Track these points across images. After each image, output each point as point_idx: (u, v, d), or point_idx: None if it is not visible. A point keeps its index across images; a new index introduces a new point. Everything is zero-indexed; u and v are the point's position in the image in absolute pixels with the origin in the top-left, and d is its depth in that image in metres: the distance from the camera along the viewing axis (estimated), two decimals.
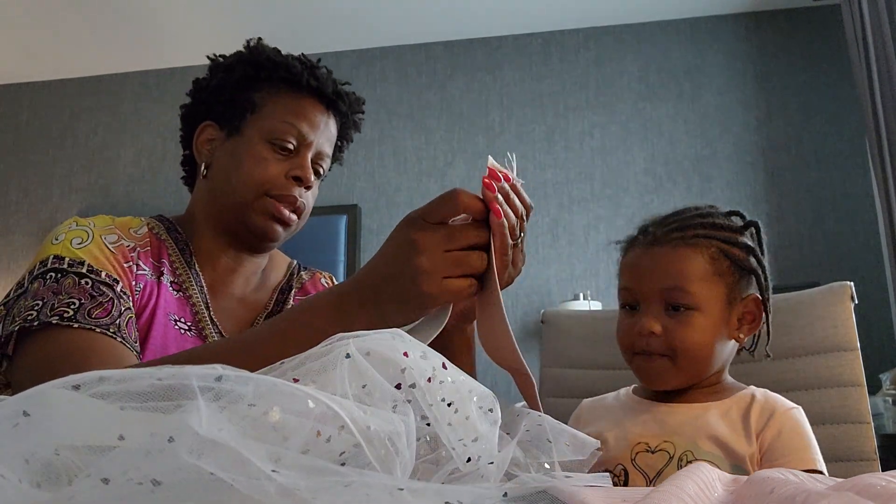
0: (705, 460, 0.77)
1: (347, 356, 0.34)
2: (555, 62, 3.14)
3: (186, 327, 0.87)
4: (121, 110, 3.38)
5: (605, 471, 0.82)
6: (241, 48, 0.98)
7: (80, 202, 3.32)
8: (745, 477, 0.49)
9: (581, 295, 2.79)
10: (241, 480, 0.23)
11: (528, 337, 2.87)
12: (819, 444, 1.02)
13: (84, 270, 0.78)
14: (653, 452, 0.81)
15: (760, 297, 0.86)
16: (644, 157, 2.97)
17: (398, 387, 0.34)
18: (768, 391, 0.85)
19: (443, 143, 3.13)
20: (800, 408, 0.83)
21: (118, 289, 0.79)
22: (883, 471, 0.56)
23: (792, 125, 2.89)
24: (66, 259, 0.79)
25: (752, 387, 0.86)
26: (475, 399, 0.38)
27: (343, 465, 0.28)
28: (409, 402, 0.34)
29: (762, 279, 0.86)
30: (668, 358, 0.83)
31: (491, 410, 0.39)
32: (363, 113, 1.04)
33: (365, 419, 0.29)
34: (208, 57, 0.99)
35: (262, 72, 0.94)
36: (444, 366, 0.38)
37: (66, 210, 3.32)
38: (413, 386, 0.35)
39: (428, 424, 0.35)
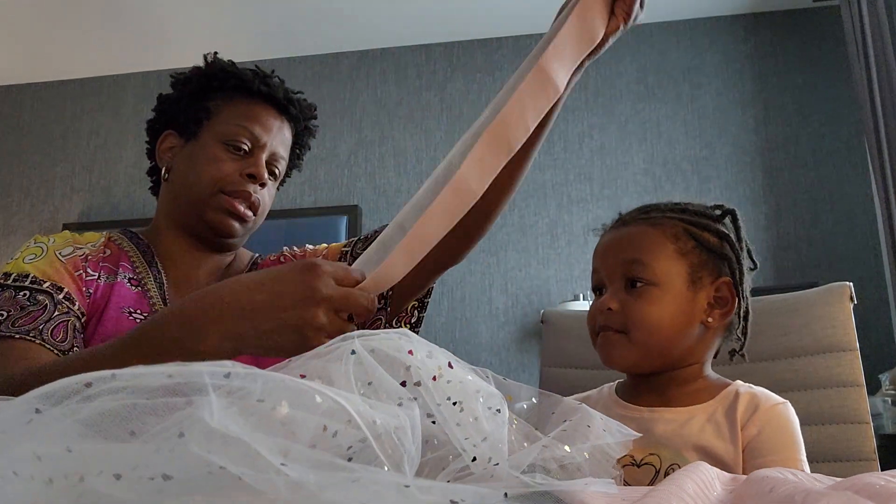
0: None
1: (353, 353, 0.34)
2: None
3: (143, 317, 0.91)
4: (122, 111, 3.38)
5: None
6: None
7: (82, 203, 3.32)
8: (745, 476, 0.49)
9: (581, 295, 2.79)
10: (251, 474, 0.24)
11: (526, 337, 2.88)
12: (818, 445, 1.02)
13: (27, 283, 0.85)
14: (638, 466, 0.80)
15: (733, 281, 0.85)
16: (643, 158, 2.97)
17: (403, 384, 0.35)
18: (755, 387, 0.84)
19: (443, 144, 3.14)
20: (787, 403, 0.81)
21: (60, 296, 0.85)
22: (882, 471, 0.56)
23: (790, 126, 2.90)
24: (13, 275, 0.86)
25: (738, 382, 0.85)
26: (482, 399, 0.38)
27: (350, 460, 0.28)
28: (415, 399, 0.34)
29: (735, 264, 0.85)
30: (623, 334, 0.82)
31: (499, 411, 0.39)
32: (316, 118, 1.09)
33: (371, 414, 0.29)
34: (171, 76, 1.05)
35: (215, 81, 1.00)
36: (450, 365, 0.39)
37: (68, 210, 3.32)
38: (418, 384, 0.35)
39: (434, 423, 0.35)
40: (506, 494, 0.34)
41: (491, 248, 2.98)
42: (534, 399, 0.48)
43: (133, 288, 0.94)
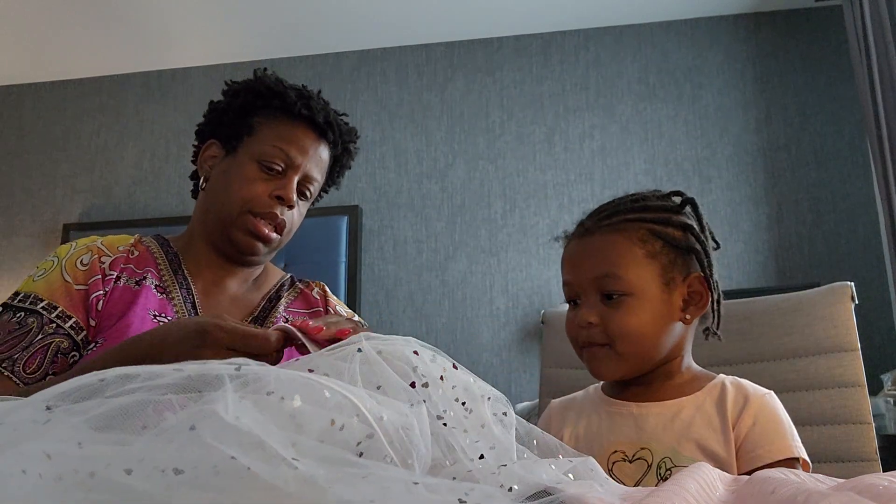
0: (685, 466, 0.76)
1: (359, 350, 0.34)
2: (555, 63, 3.15)
3: (167, 321, 0.95)
4: (123, 111, 3.38)
5: None
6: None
7: (83, 203, 3.33)
8: (746, 477, 0.49)
9: None
10: (261, 466, 0.24)
11: (527, 337, 2.88)
12: (820, 445, 1.02)
13: (27, 304, 0.90)
14: (630, 461, 0.79)
15: (704, 276, 0.84)
16: (644, 159, 2.97)
17: (412, 385, 0.35)
18: (738, 378, 0.84)
19: (443, 145, 3.14)
20: (772, 393, 0.82)
21: (52, 315, 0.89)
22: (884, 471, 0.56)
23: (792, 126, 2.90)
24: (20, 294, 0.91)
25: (722, 375, 0.85)
26: (489, 401, 0.38)
27: (361, 455, 0.28)
28: (424, 402, 0.34)
29: (703, 256, 0.84)
30: (608, 347, 0.82)
31: (505, 415, 0.40)
32: (355, 142, 1.12)
33: (378, 410, 0.29)
34: (225, 82, 1.08)
35: (260, 99, 1.02)
36: (454, 366, 0.39)
37: (69, 211, 3.32)
38: (426, 385, 0.35)
39: (445, 424, 0.35)
40: (510, 489, 0.34)
41: (492, 248, 2.98)
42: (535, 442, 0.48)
43: (159, 295, 0.97)
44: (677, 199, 0.89)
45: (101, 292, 0.92)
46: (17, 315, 0.88)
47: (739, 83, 2.97)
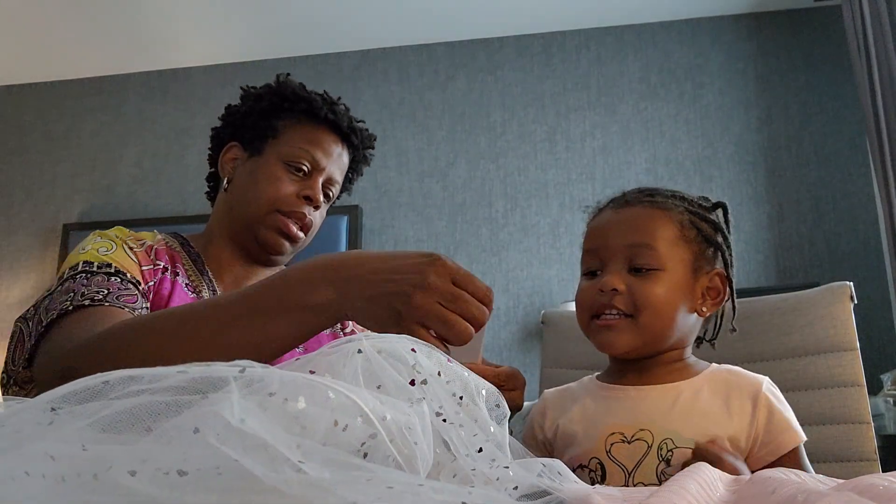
0: (687, 447, 0.76)
1: (359, 351, 0.34)
2: (556, 63, 3.15)
3: None
4: (124, 111, 3.38)
5: (579, 466, 0.81)
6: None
7: (83, 202, 3.33)
8: (747, 477, 0.50)
9: None
10: (266, 469, 0.24)
11: (528, 337, 2.88)
12: (819, 445, 1.03)
13: (112, 271, 0.85)
14: (629, 442, 0.78)
15: (726, 273, 0.85)
16: (645, 158, 2.98)
17: (412, 383, 0.35)
18: (730, 367, 0.85)
19: (444, 144, 3.14)
20: (768, 377, 0.83)
21: (141, 289, 0.87)
22: (883, 471, 0.56)
23: (792, 125, 2.90)
24: (95, 263, 0.86)
25: (714, 365, 0.85)
26: (484, 392, 0.39)
27: (365, 456, 0.28)
28: (424, 399, 0.34)
29: (727, 256, 0.86)
30: (629, 317, 0.80)
31: (498, 406, 0.40)
32: (374, 148, 1.13)
33: (381, 410, 0.29)
34: (242, 88, 1.09)
35: (286, 102, 1.03)
36: (449, 360, 0.39)
37: (70, 210, 3.32)
38: (425, 382, 0.35)
39: (444, 420, 0.35)
40: (515, 487, 0.34)
41: (493, 247, 2.98)
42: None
43: (190, 293, 0.97)
44: (710, 204, 0.91)
45: (152, 283, 0.92)
46: (114, 278, 0.83)
47: (740, 83, 2.97)
